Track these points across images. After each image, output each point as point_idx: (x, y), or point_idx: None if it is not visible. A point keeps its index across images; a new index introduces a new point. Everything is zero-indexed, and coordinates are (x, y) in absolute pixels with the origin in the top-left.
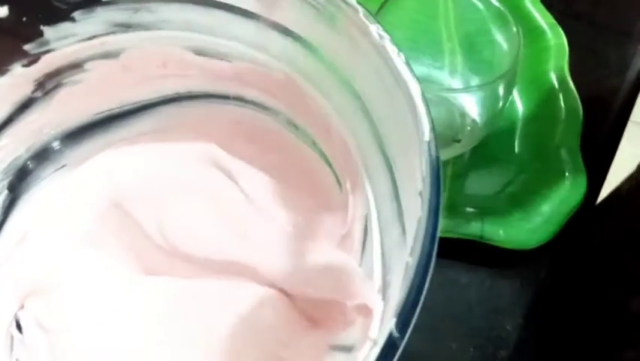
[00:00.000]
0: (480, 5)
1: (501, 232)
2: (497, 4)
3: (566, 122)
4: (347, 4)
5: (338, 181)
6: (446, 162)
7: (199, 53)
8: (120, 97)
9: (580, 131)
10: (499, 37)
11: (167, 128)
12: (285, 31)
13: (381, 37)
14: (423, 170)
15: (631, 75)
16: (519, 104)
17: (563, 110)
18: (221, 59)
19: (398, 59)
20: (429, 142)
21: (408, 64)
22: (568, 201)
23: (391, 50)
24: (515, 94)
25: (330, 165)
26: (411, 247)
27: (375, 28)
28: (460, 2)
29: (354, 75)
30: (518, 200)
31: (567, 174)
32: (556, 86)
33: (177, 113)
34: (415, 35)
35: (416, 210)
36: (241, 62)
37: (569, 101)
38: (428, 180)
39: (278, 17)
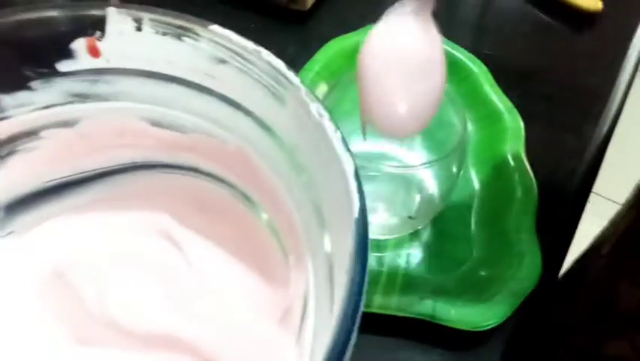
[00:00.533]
0: None
1: (453, 311)
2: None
3: (522, 202)
4: (291, 83)
5: (285, 256)
6: (401, 240)
7: (155, 124)
8: (75, 165)
9: (535, 211)
10: (450, 117)
11: (121, 196)
12: (238, 106)
13: (320, 115)
14: (350, 247)
15: (587, 157)
16: (475, 184)
17: (519, 190)
18: (177, 131)
19: (334, 136)
20: (357, 219)
21: (344, 141)
22: (523, 282)
23: (329, 127)
24: (472, 174)
25: (278, 239)
26: (333, 326)
27: (315, 107)
28: None
29: (300, 150)
30: (472, 279)
31: (522, 254)
32: (512, 166)
33: (132, 181)
34: None
35: (344, 289)
36: (196, 134)
37: (525, 181)
38: (354, 258)
39: (230, 93)
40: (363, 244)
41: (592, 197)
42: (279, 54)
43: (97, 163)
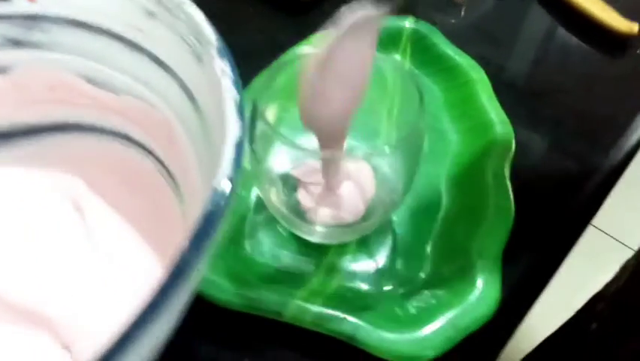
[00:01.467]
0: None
1: (376, 336)
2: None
3: (493, 224)
4: (207, 38)
5: None
6: (346, 246)
7: (89, 80)
8: (8, 116)
9: (506, 237)
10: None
11: (43, 156)
12: (165, 67)
13: (223, 72)
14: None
15: (588, 189)
16: (445, 196)
17: (492, 210)
18: (109, 91)
19: (228, 96)
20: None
21: (239, 106)
22: (470, 315)
23: (226, 86)
24: (444, 185)
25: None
26: None
27: (221, 64)
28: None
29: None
30: (411, 302)
31: (478, 282)
32: (491, 182)
33: (59, 143)
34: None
35: None
36: (127, 97)
37: (502, 201)
38: None
39: (158, 51)
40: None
41: (592, 232)
42: (279, 44)
43: (27, 117)
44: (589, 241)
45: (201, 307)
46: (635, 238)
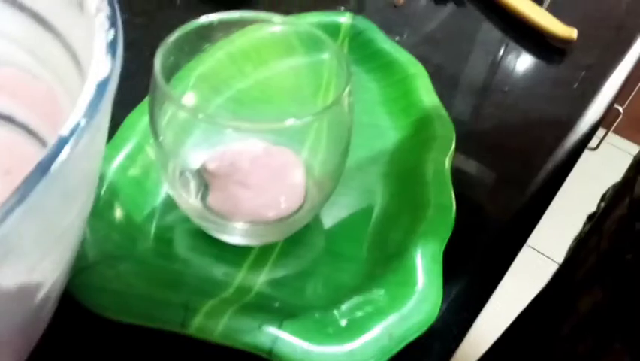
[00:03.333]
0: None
1: (299, 350)
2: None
3: (432, 223)
4: None
5: None
6: (269, 249)
7: None
8: None
9: (447, 237)
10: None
11: None
12: (47, 26)
13: (98, 10)
14: None
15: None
16: (380, 195)
17: (432, 208)
18: None
19: (99, 35)
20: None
21: (112, 44)
22: (408, 321)
23: (99, 24)
24: (380, 183)
25: None
26: None
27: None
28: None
29: None
30: (340, 311)
31: (416, 284)
32: (431, 179)
33: None
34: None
35: None
36: (8, 68)
37: (442, 199)
38: None
39: (40, 8)
40: None
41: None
42: None
43: None
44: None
45: (86, 321)
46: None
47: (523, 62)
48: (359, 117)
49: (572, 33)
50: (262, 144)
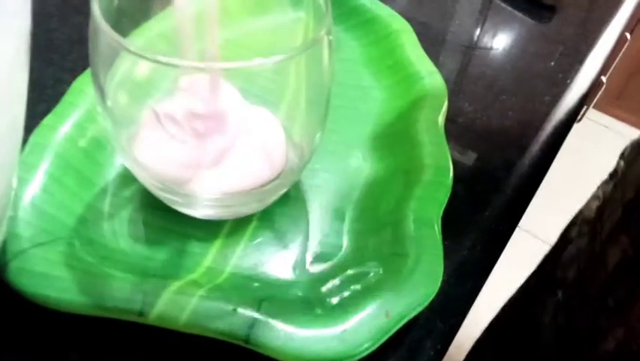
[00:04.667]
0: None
1: (282, 334)
2: None
3: (430, 187)
4: None
5: None
6: (244, 222)
7: None
8: None
9: (445, 200)
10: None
11: None
12: None
13: None
14: None
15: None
16: (369, 161)
17: (429, 171)
18: None
19: None
20: None
21: None
22: (407, 297)
23: None
24: (369, 148)
25: None
26: None
27: None
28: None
29: None
30: (328, 289)
31: (416, 256)
32: (425, 139)
33: None
34: None
35: None
36: None
37: (438, 158)
38: None
39: None
40: None
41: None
42: None
43: None
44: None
45: (26, 312)
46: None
47: (511, 20)
48: (340, 77)
49: None
50: (237, 97)
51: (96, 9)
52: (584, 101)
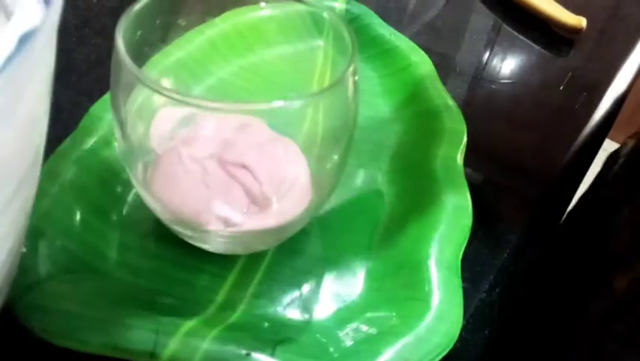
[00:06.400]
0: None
1: None
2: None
3: (448, 225)
4: None
5: None
6: (257, 258)
7: None
8: None
9: (464, 242)
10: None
11: None
12: None
13: None
14: None
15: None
16: (389, 196)
17: (447, 208)
18: None
19: None
20: None
21: None
22: (426, 344)
23: None
24: (387, 183)
25: None
26: None
27: None
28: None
29: None
30: (344, 333)
31: (432, 300)
32: (444, 176)
33: None
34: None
35: None
36: None
37: (457, 197)
38: None
39: None
40: None
41: None
42: None
43: None
44: None
45: (35, 349)
46: None
47: (530, 53)
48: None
49: (580, 22)
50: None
51: (120, 42)
52: (604, 134)
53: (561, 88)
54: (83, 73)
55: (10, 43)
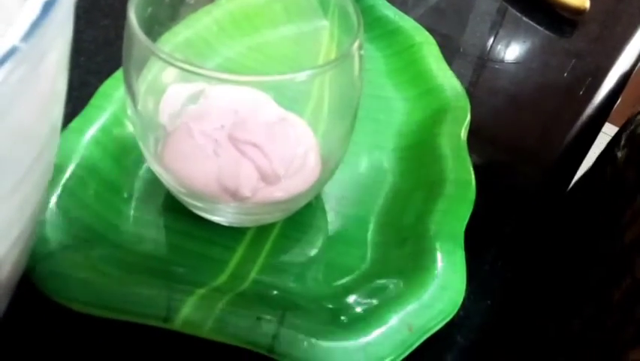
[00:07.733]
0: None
1: (305, 345)
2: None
3: (452, 201)
4: None
5: None
6: (265, 231)
7: None
8: None
9: (467, 214)
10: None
11: None
12: None
13: None
14: None
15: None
16: (392, 173)
17: (451, 185)
18: None
19: None
20: None
21: None
22: (430, 310)
23: None
24: (390, 159)
25: None
26: None
27: None
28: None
29: None
30: (349, 300)
31: (437, 270)
32: (447, 153)
33: None
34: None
35: None
36: None
37: (460, 172)
38: None
39: None
40: None
41: None
42: None
43: None
44: None
45: (51, 313)
46: None
47: (534, 34)
48: (362, 88)
49: (584, 3)
50: (274, 107)
51: (132, 17)
52: (606, 117)
53: (564, 70)
54: (92, 53)
55: (36, 8)
